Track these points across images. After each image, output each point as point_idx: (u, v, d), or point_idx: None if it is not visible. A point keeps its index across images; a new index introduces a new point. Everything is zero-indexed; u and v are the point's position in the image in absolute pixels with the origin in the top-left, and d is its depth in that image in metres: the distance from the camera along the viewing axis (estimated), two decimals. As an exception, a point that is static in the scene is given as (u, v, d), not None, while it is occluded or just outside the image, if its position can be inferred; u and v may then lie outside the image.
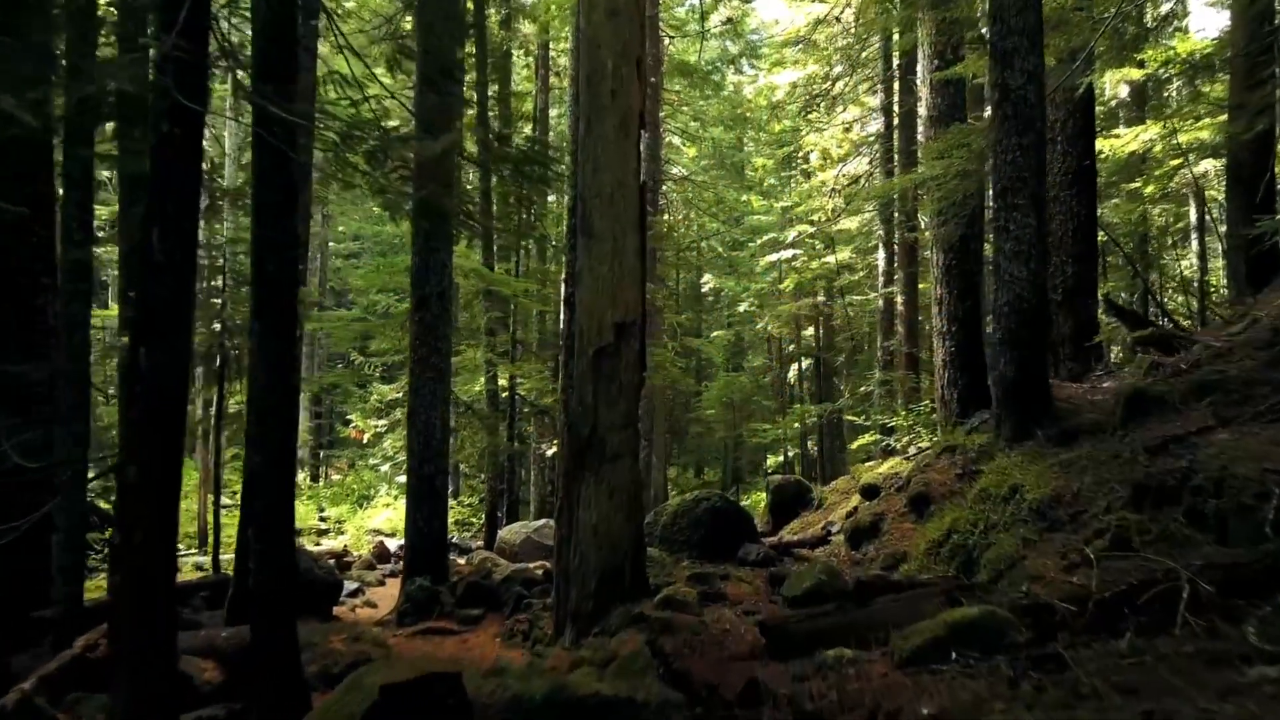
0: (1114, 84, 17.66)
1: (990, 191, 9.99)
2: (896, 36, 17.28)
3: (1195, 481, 4.46)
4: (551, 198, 18.26)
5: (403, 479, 25.38)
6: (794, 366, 30.86)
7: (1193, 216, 21.14)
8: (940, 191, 9.65)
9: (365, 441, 23.92)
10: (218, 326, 11.64)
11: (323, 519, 22.38)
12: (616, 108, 6.42)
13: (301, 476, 29.66)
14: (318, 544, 19.25)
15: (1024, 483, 5.22)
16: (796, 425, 25.04)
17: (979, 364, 11.69)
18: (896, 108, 19.72)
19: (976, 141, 8.91)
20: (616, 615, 6.33)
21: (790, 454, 30.74)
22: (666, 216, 26.82)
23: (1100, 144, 14.00)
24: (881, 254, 20.88)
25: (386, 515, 22.08)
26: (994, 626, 3.58)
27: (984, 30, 8.66)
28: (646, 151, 19.86)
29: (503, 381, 16.52)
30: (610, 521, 6.38)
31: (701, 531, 8.58)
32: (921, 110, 11.84)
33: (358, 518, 21.94)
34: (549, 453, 18.42)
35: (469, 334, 18.41)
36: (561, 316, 23.18)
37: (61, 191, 8.01)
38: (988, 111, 9.37)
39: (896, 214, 19.63)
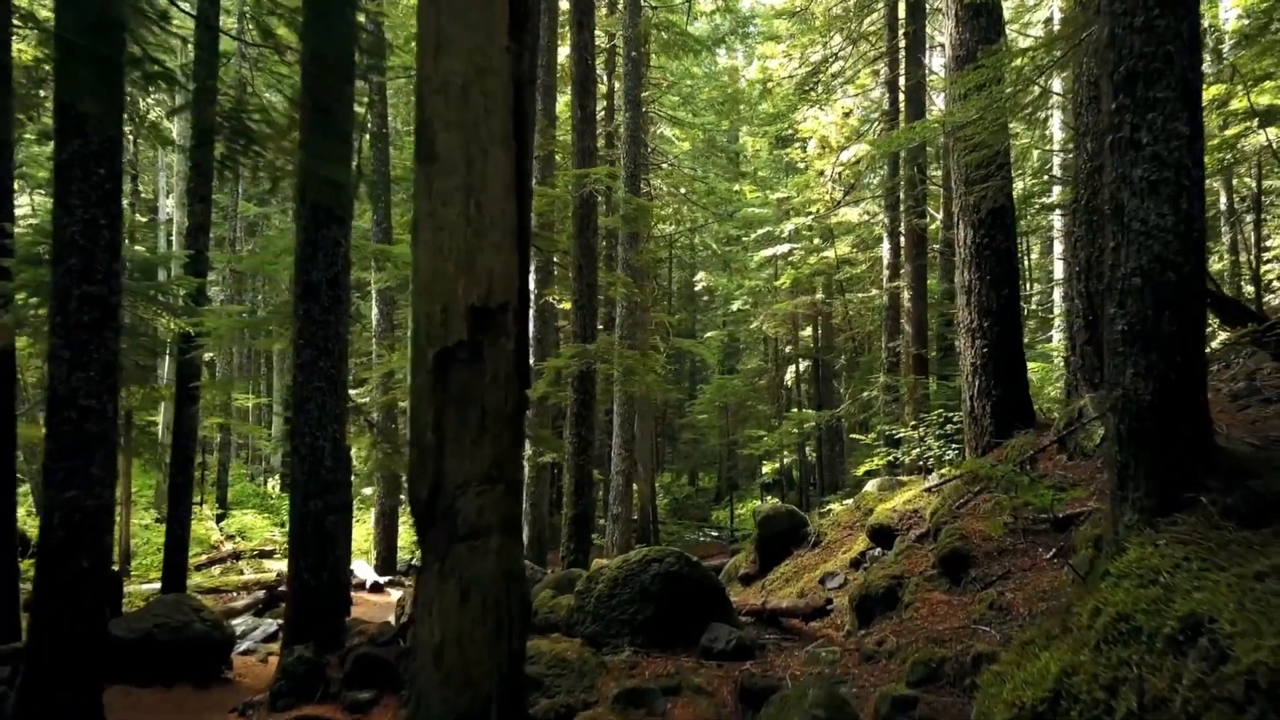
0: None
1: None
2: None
3: None
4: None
5: (367, 490, 22.68)
6: (791, 369, 28.11)
7: (1223, 202, 18.33)
8: (977, 139, 6.94)
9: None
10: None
11: (276, 536, 19.69)
12: (473, -53, 3.67)
13: (272, 485, 27.05)
14: (261, 569, 16.57)
15: (1213, 611, 2.52)
16: (794, 431, 22.27)
17: (1018, 368, 8.98)
18: (903, 81, 16.97)
19: (1030, 67, 6.18)
20: (468, 804, 3.54)
21: (787, 460, 27.98)
22: (660, 210, 24.09)
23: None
24: (886, 245, 18.15)
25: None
26: None
27: None
28: (627, 132, 17.19)
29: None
30: (464, 642, 3.61)
31: (651, 608, 5.83)
32: (945, 48, 9.11)
33: (311, 536, 19.21)
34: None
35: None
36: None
37: None
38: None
39: (903, 199, 16.88)
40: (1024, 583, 5.57)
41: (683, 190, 24.83)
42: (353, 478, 15.19)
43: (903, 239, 17.30)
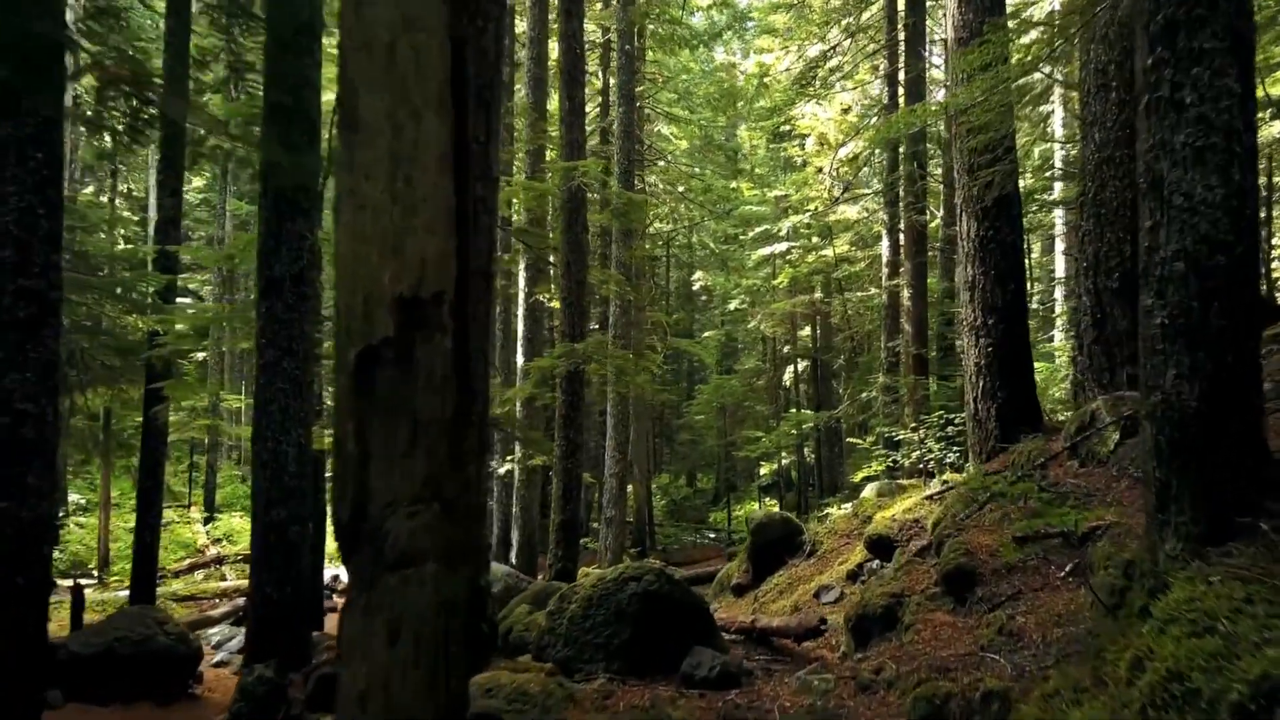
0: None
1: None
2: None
3: None
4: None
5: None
6: (790, 369, 27.52)
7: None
8: (982, 120, 6.40)
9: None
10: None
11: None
12: (403, -121, 3.11)
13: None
14: (244, 575, 16.03)
15: (1291, 672, 1.99)
16: (793, 432, 21.69)
17: (1025, 368, 8.46)
18: (903, 75, 16.43)
19: (1038, 47, 5.66)
20: None
21: (786, 461, 27.40)
22: (656, 208, 23.54)
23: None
24: (885, 242, 17.60)
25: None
26: None
27: None
28: (621, 127, 16.69)
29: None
30: (393, 687, 3.00)
31: (627, 631, 5.29)
32: (947, 30, 8.57)
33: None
34: (500, 471, 15.21)
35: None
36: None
37: None
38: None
39: (903, 195, 16.34)
40: (1036, 605, 5.03)
41: (680, 188, 24.29)
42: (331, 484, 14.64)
43: (902, 236, 16.75)
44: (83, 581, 16.42)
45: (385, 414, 3.15)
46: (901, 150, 16.95)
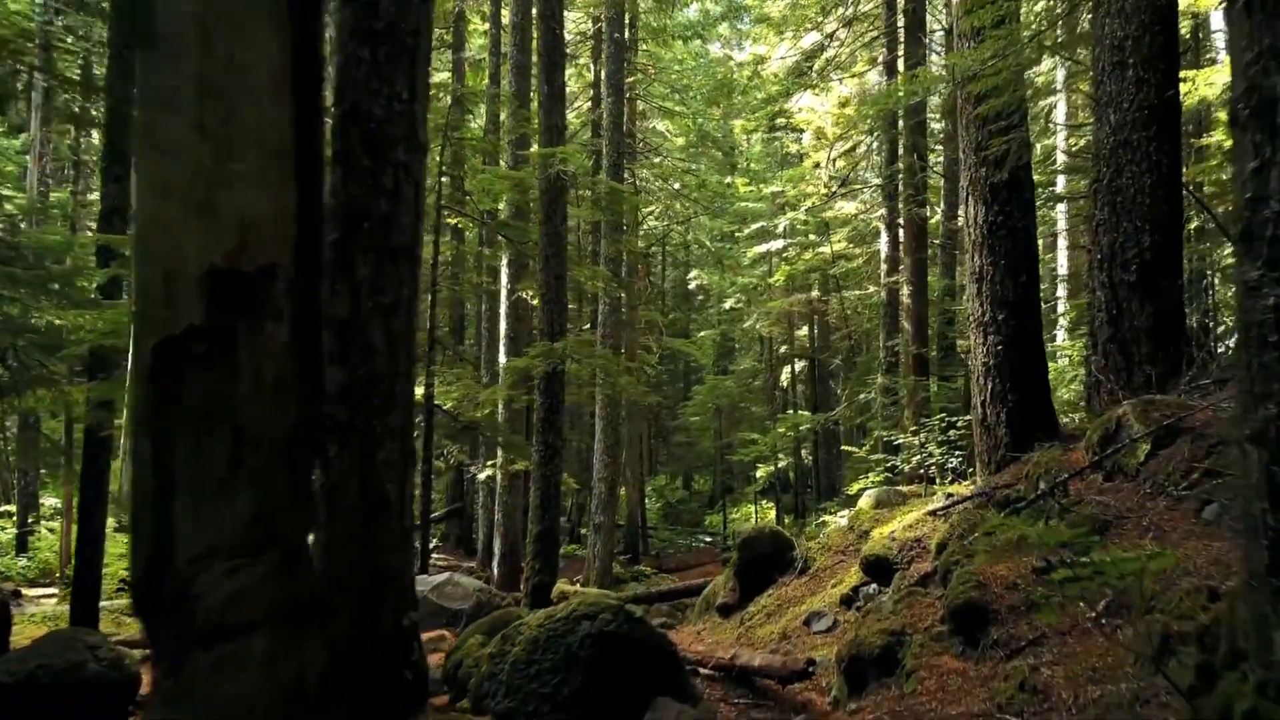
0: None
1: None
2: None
3: None
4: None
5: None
6: (786, 369, 26.61)
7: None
8: (989, 85, 5.52)
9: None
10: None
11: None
12: None
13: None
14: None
15: None
16: (790, 435, 20.76)
17: (1038, 368, 7.61)
18: (902, 64, 15.53)
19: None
20: None
21: (783, 463, 26.49)
22: (646, 205, 22.69)
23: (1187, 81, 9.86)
24: (884, 237, 16.72)
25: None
26: None
27: None
28: (610, 118, 15.70)
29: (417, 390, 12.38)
30: None
31: (579, 679, 4.41)
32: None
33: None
34: (481, 475, 14.35)
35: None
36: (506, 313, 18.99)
37: None
38: None
39: (902, 189, 15.46)
40: (1064, 653, 4.14)
41: (675, 185, 23.41)
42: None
43: (901, 231, 15.87)
44: (49, 592, 15.60)
45: (195, 430, 2.22)
46: (901, 143, 16.10)
